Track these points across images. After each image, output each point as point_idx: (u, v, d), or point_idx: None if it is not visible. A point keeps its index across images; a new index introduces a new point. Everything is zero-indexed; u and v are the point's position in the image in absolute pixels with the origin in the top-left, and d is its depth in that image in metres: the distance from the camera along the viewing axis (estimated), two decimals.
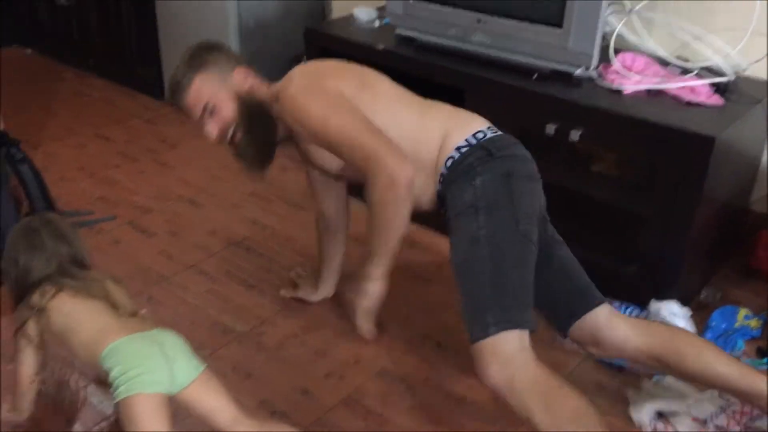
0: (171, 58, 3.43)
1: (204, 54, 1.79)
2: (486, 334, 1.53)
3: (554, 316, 1.80)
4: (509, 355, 1.52)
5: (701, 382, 1.72)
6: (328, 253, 2.17)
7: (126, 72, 3.68)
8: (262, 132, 1.81)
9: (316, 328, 2.13)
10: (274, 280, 2.33)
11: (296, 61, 3.30)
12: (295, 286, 2.26)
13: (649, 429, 1.79)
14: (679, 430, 1.77)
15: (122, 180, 2.91)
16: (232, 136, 1.80)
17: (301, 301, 2.22)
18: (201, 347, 2.04)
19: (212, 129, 1.78)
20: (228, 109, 1.78)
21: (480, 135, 1.72)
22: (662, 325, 1.90)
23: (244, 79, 1.80)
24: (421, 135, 1.74)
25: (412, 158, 1.67)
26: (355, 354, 2.02)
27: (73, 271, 1.65)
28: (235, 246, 2.51)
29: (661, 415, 1.82)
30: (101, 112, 3.49)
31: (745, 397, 1.68)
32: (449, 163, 1.71)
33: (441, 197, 1.75)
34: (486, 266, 1.60)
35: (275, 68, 3.33)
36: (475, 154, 1.69)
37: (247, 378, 1.94)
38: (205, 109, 1.76)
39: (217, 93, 1.77)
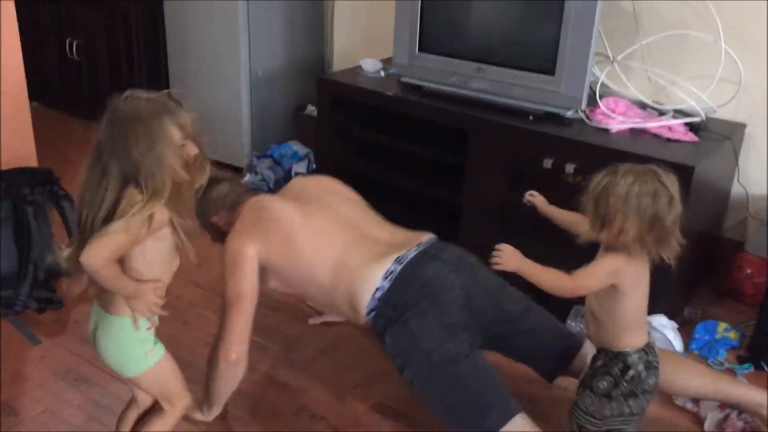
0: None
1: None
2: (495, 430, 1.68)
3: (541, 367, 1.97)
4: None
5: (689, 395, 1.97)
6: None
7: None
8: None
9: (342, 346, 2.32)
10: (297, 303, 2.52)
11: (300, 109, 3.58)
12: (319, 312, 2.46)
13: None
14: (707, 414, 2.01)
15: None
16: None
17: (326, 324, 2.42)
18: None
19: None
20: None
21: (378, 294, 1.83)
22: None
23: None
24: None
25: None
26: (379, 366, 2.22)
27: None
28: None
29: None
30: None
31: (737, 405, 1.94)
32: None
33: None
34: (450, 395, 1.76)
35: (281, 116, 3.60)
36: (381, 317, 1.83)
37: (283, 388, 2.13)
38: None
39: None
